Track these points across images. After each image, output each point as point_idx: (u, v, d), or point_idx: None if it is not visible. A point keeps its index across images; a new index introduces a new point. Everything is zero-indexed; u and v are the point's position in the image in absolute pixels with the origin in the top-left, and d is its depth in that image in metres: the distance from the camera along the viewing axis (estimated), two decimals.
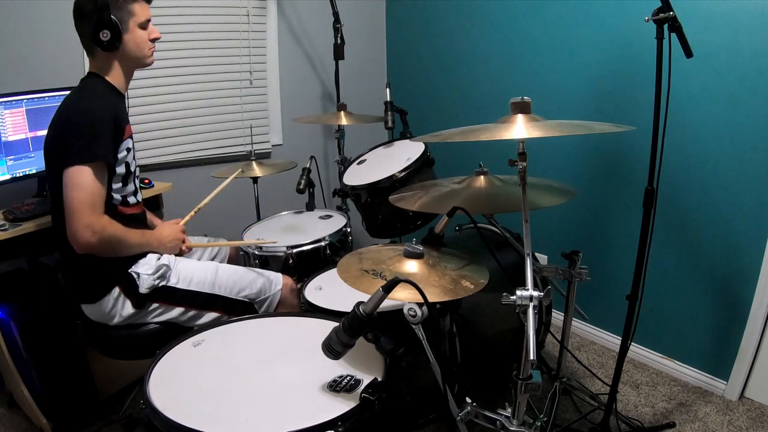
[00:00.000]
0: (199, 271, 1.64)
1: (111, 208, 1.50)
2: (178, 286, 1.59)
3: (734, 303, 1.97)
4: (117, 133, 1.45)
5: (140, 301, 1.54)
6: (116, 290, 1.51)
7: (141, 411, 1.03)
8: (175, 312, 1.59)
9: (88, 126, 1.38)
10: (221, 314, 1.63)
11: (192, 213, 1.81)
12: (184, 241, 1.70)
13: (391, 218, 1.90)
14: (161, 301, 1.57)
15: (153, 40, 1.57)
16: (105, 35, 1.42)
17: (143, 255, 1.57)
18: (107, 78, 1.51)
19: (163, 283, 1.57)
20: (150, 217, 1.82)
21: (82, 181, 1.35)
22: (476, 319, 1.63)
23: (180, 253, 1.69)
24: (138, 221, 1.64)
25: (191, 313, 1.61)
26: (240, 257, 2.08)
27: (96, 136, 1.38)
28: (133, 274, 1.53)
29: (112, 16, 1.41)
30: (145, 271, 1.54)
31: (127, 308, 1.53)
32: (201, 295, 1.61)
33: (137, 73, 1.61)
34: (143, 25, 1.52)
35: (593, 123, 1.36)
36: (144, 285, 1.53)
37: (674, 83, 1.45)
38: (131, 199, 1.58)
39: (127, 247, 1.50)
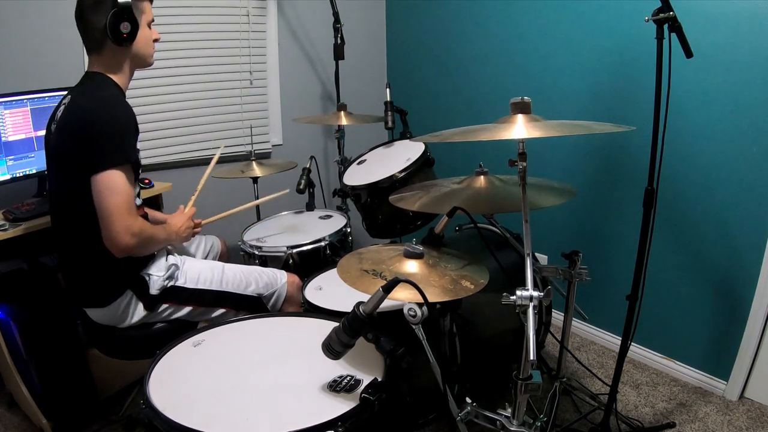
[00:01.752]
0: (206, 270, 1.66)
1: None
2: (186, 286, 1.60)
3: (734, 303, 1.97)
4: (137, 135, 1.45)
5: (152, 302, 1.54)
6: (129, 293, 1.51)
7: (141, 411, 1.03)
8: (184, 311, 1.60)
9: (118, 132, 1.37)
10: (229, 310, 1.65)
11: (192, 199, 1.83)
12: (195, 226, 1.75)
13: (391, 218, 1.90)
14: (171, 301, 1.58)
15: (154, 41, 1.56)
16: (126, 27, 1.41)
17: (152, 256, 1.57)
18: (114, 78, 1.48)
19: (172, 283, 1.58)
20: (153, 213, 1.82)
21: (117, 185, 1.35)
22: (476, 319, 1.63)
23: (192, 235, 1.74)
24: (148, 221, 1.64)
25: (200, 310, 1.62)
26: (239, 257, 2.08)
27: (125, 140, 1.38)
28: (145, 276, 1.53)
29: (132, 9, 1.42)
30: (156, 272, 1.55)
31: (140, 311, 1.53)
32: (209, 292, 1.62)
33: (137, 73, 1.61)
34: (149, 24, 1.52)
35: (593, 123, 1.36)
36: (155, 286, 1.54)
37: (674, 83, 1.45)
38: (137, 201, 1.58)
39: (157, 244, 1.53)
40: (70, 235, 1.50)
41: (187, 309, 1.60)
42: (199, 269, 1.65)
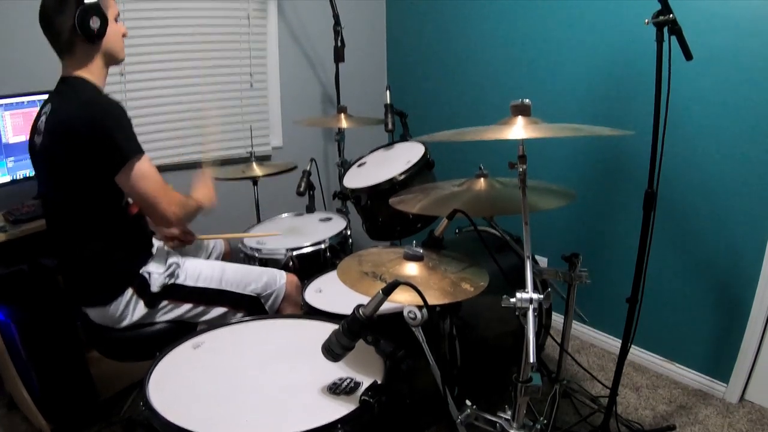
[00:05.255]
0: (206, 268, 1.67)
1: (122, 210, 1.52)
2: (186, 284, 1.61)
3: (734, 305, 1.97)
4: None
5: (152, 300, 1.55)
6: (129, 291, 1.51)
7: (141, 413, 1.03)
8: (183, 309, 1.61)
9: (124, 126, 1.41)
10: (228, 309, 1.65)
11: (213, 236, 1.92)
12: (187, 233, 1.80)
13: (391, 221, 1.90)
14: (170, 298, 1.58)
15: (122, 36, 1.53)
16: (95, 22, 1.39)
17: (151, 255, 1.58)
18: (90, 78, 1.45)
19: (173, 281, 1.58)
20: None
21: (146, 171, 1.42)
22: (476, 321, 1.63)
23: (183, 244, 1.79)
24: (143, 219, 1.64)
25: (199, 309, 1.63)
26: (239, 259, 2.08)
27: (132, 130, 1.42)
28: (145, 273, 1.54)
29: (100, 4, 1.41)
30: (156, 270, 1.55)
31: (140, 309, 1.54)
32: (209, 291, 1.63)
33: (137, 75, 1.62)
34: (116, 19, 1.50)
35: (591, 127, 1.37)
36: (156, 284, 1.54)
37: (674, 86, 1.45)
38: (131, 199, 1.58)
39: (197, 210, 1.62)
40: (70, 237, 1.50)
41: (186, 307, 1.60)
42: (200, 268, 1.66)
